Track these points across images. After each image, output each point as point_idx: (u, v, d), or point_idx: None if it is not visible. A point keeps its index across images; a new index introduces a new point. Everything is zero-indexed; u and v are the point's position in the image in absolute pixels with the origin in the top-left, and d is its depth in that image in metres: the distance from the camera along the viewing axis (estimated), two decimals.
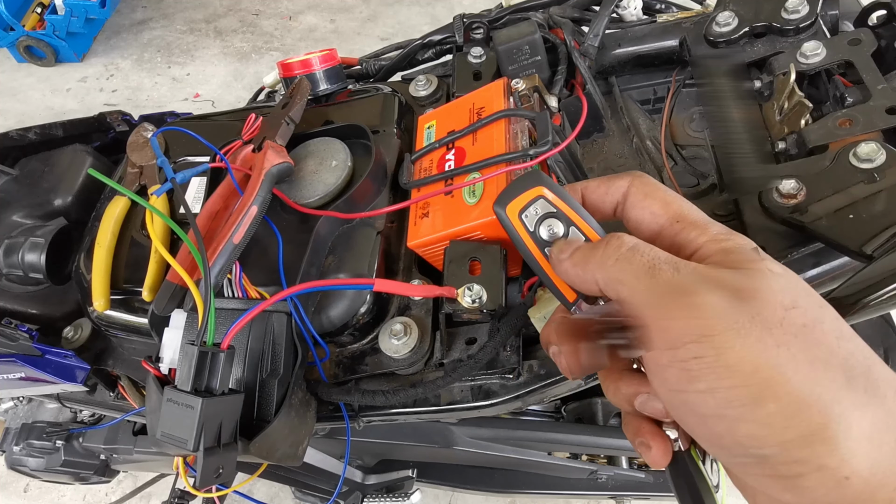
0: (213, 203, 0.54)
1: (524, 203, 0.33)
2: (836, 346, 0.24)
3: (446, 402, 0.52)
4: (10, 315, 0.62)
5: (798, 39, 0.55)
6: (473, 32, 0.71)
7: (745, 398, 0.23)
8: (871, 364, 0.24)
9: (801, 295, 0.26)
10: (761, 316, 0.24)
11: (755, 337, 0.24)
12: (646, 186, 0.32)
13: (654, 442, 0.30)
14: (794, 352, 0.24)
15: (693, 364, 0.24)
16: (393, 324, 0.50)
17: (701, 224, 0.30)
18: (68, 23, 2.55)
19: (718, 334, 0.24)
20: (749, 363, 0.23)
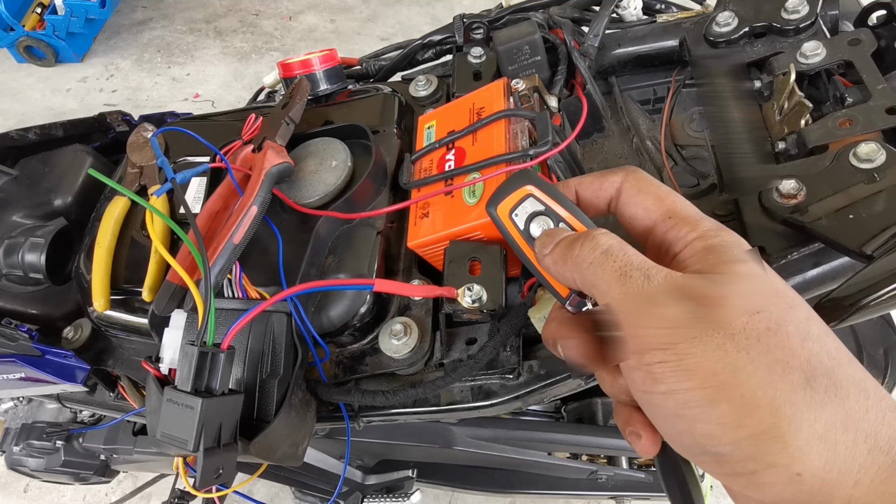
0: (213, 203, 0.54)
1: (514, 202, 0.34)
2: (798, 347, 0.25)
3: (446, 403, 0.52)
4: (10, 315, 0.62)
5: (798, 39, 0.55)
6: (473, 32, 0.71)
7: (701, 399, 0.25)
8: (836, 364, 0.25)
9: (768, 298, 0.26)
10: (723, 323, 0.25)
11: (716, 343, 0.25)
12: (639, 182, 0.33)
13: (644, 431, 0.31)
14: (754, 355, 0.24)
15: (656, 368, 0.26)
16: (393, 324, 0.50)
17: (692, 220, 0.30)
18: (68, 23, 2.55)
19: (680, 343, 0.25)
20: (707, 367, 0.25)
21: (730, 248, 0.28)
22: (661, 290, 0.27)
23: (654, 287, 0.27)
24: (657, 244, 0.31)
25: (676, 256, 0.30)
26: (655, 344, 0.26)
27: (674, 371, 0.25)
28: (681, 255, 0.29)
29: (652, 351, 0.26)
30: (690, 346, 0.25)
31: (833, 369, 0.25)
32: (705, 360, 0.25)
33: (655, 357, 0.26)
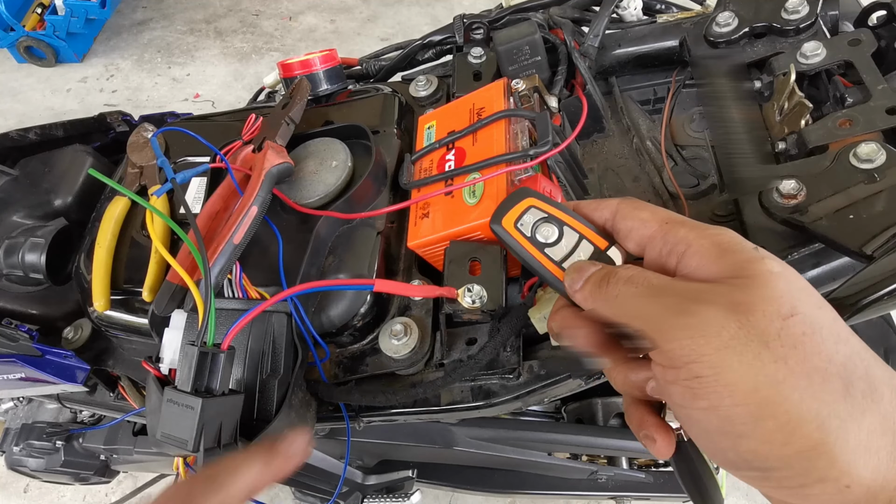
0: (213, 203, 0.54)
1: (518, 214, 0.36)
2: (834, 352, 0.25)
3: (446, 403, 0.51)
4: (10, 315, 0.62)
5: (798, 40, 0.55)
6: (473, 33, 0.71)
7: (746, 416, 0.24)
8: (869, 364, 0.25)
9: (799, 299, 0.26)
10: (757, 329, 0.25)
11: (752, 353, 0.24)
12: (634, 202, 0.33)
13: (659, 434, 0.31)
14: (792, 365, 0.24)
15: (694, 383, 0.25)
16: (393, 324, 0.50)
17: (689, 223, 0.30)
18: (68, 23, 2.54)
19: (715, 353, 0.25)
20: (748, 381, 0.24)
21: (742, 245, 0.28)
22: (690, 298, 0.27)
23: (682, 295, 0.27)
24: (657, 250, 0.31)
25: (683, 258, 0.29)
26: (689, 356, 0.25)
27: (713, 386, 0.25)
28: (687, 255, 0.29)
29: (688, 365, 0.25)
30: (726, 357, 0.24)
31: (866, 371, 0.25)
32: (744, 373, 0.24)
33: (692, 371, 0.25)
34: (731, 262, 0.27)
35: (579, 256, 0.34)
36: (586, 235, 0.34)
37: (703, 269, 0.28)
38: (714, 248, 0.28)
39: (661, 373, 0.27)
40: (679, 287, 0.28)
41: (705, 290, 0.27)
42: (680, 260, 0.29)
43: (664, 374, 0.27)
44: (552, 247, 0.35)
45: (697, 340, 0.25)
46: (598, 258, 0.34)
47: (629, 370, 0.32)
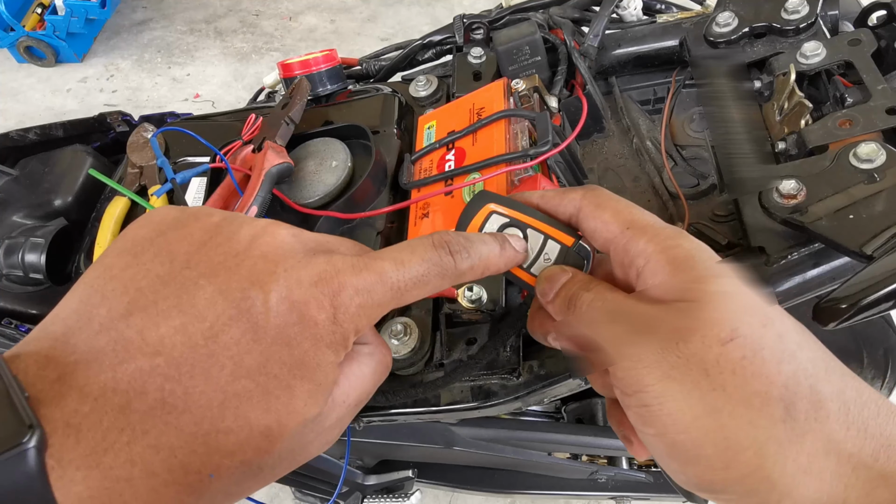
0: (213, 203, 0.54)
1: (479, 223, 0.35)
2: (775, 373, 0.25)
3: (446, 403, 0.51)
4: (11, 315, 0.62)
5: (798, 40, 0.55)
6: (473, 33, 0.71)
7: (688, 444, 0.25)
8: (814, 381, 0.25)
9: (741, 320, 0.26)
10: (696, 357, 0.25)
11: (692, 382, 0.25)
12: (597, 197, 0.33)
13: (635, 437, 0.31)
14: (730, 391, 0.24)
15: (643, 411, 0.26)
16: (393, 324, 0.50)
17: (651, 229, 0.30)
18: (68, 23, 2.54)
19: (658, 382, 0.25)
20: (688, 411, 0.25)
21: (695, 261, 0.28)
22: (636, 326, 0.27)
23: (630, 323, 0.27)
24: (620, 257, 0.31)
25: (641, 273, 0.29)
26: (635, 385, 0.26)
27: (658, 415, 0.25)
28: (645, 271, 0.29)
29: (636, 394, 0.26)
30: (667, 387, 0.25)
31: (811, 388, 0.25)
32: (685, 403, 0.25)
33: (640, 400, 0.26)
34: (680, 280, 0.27)
35: (547, 258, 0.34)
36: (551, 235, 0.34)
37: (658, 289, 0.28)
38: (669, 264, 0.28)
39: (619, 395, 0.28)
40: (631, 311, 0.28)
41: (653, 315, 0.27)
42: (639, 274, 0.29)
43: (622, 399, 0.28)
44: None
45: (640, 371, 0.26)
46: (566, 257, 0.34)
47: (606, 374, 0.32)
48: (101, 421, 0.21)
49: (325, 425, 0.28)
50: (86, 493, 0.20)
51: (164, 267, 0.25)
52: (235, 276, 0.25)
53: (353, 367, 0.30)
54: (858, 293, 0.38)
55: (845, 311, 0.39)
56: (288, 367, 0.25)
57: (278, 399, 0.24)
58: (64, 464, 0.20)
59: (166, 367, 0.23)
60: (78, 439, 0.21)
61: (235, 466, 0.24)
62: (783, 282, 0.46)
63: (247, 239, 0.27)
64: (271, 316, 0.25)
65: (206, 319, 0.24)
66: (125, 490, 0.21)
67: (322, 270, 0.26)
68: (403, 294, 0.28)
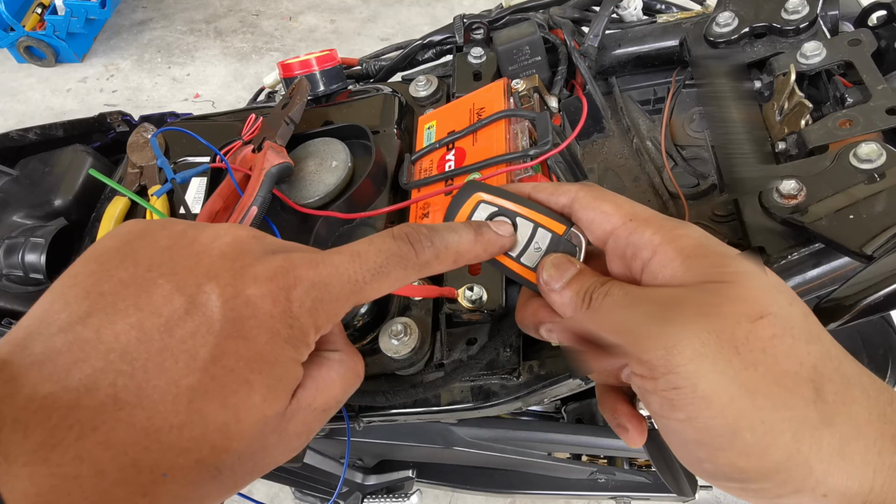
0: (213, 203, 0.54)
1: (468, 213, 0.34)
2: (805, 353, 0.24)
3: (446, 403, 0.52)
4: (11, 315, 0.62)
5: (798, 40, 0.55)
6: (473, 33, 0.71)
7: (723, 428, 0.24)
8: (838, 364, 0.25)
9: (770, 297, 0.25)
10: (727, 334, 0.24)
11: (725, 360, 0.24)
12: (595, 190, 0.32)
13: (631, 423, 0.31)
14: (762, 371, 0.24)
15: (672, 394, 0.25)
16: (393, 324, 0.50)
17: (654, 221, 0.29)
18: (68, 23, 2.55)
19: (690, 362, 0.24)
20: (723, 392, 0.24)
21: (707, 248, 0.27)
22: (661, 307, 0.26)
23: (654, 305, 0.26)
24: (621, 249, 0.30)
25: (648, 265, 0.28)
26: (665, 367, 0.25)
27: (690, 398, 0.24)
28: (653, 263, 0.28)
29: (665, 376, 0.25)
30: (700, 367, 0.24)
31: (836, 370, 0.24)
32: (719, 383, 0.24)
33: (669, 383, 0.25)
34: (700, 266, 0.27)
35: (538, 247, 0.33)
36: (541, 223, 0.33)
37: (675, 276, 0.27)
38: (678, 254, 0.27)
39: (640, 382, 0.27)
40: (655, 294, 0.27)
41: (679, 295, 0.26)
42: (645, 266, 0.29)
43: (643, 384, 0.26)
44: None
45: (672, 350, 0.24)
46: (558, 245, 0.33)
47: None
48: (49, 417, 0.21)
49: (289, 429, 0.27)
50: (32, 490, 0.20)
51: (127, 271, 0.25)
52: (193, 273, 0.25)
53: (322, 371, 0.29)
54: (859, 293, 0.38)
55: (846, 312, 0.39)
56: (245, 361, 0.24)
57: (235, 393, 0.24)
58: (10, 459, 0.20)
59: (119, 362, 0.23)
60: (25, 435, 0.20)
61: (191, 466, 0.23)
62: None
63: (208, 240, 0.27)
64: (227, 309, 0.24)
65: (162, 314, 0.24)
66: (73, 488, 0.20)
67: (278, 266, 0.26)
68: (363, 287, 0.27)
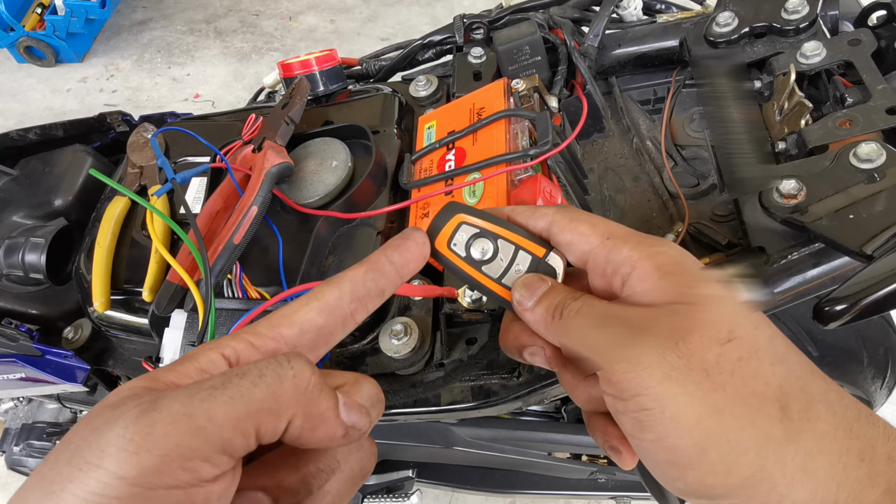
0: (213, 203, 0.54)
1: (449, 233, 0.34)
2: (770, 374, 0.25)
3: (446, 403, 0.52)
4: (11, 315, 0.62)
5: (798, 40, 0.55)
6: (473, 33, 0.71)
7: (690, 448, 0.25)
8: (803, 383, 0.25)
9: (736, 322, 0.26)
10: (696, 357, 0.25)
11: (693, 382, 0.24)
12: (571, 212, 0.32)
13: (623, 445, 0.30)
14: (730, 392, 0.24)
15: (641, 416, 0.25)
16: (393, 324, 0.50)
17: (632, 237, 0.30)
18: (68, 23, 2.54)
19: (659, 385, 0.25)
20: (690, 413, 0.24)
21: (683, 266, 0.28)
22: (632, 329, 0.26)
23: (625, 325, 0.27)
24: (601, 267, 0.30)
25: (627, 280, 0.29)
26: (634, 389, 0.25)
27: (659, 419, 0.25)
28: (631, 278, 0.29)
29: (635, 398, 0.25)
30: (669, 389, 0.25)
31: (802, 389, 0.25)
32: (687, 404, 0.24)
33: (639, 404, 0.25)
34: (671, 284, 0.27)
35: (518, 269, 0.33)
36: (522, 245, 0.33)
37: (648, 294, 0.28)
38: (656, 270, 0.28)
39: (612, 402, 0.27)
40: (624, 315, 0.28)
41: (648, 317, 0.27)
42: (625, 282, 0.29)
43: (614, 404, 0.27)
44: (489, 263, 0.33)
45: (640, 372, 0.25)
46: (538, 268, 0.33)
47: (589, 386, 0.31)
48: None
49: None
50: None
51: None
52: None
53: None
54: (859, 293, 0.38)
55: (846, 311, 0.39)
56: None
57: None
58: None
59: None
60: None
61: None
62: (783, 282, 0.46)
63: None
64: None
65: None
66: None
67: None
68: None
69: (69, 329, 0.62)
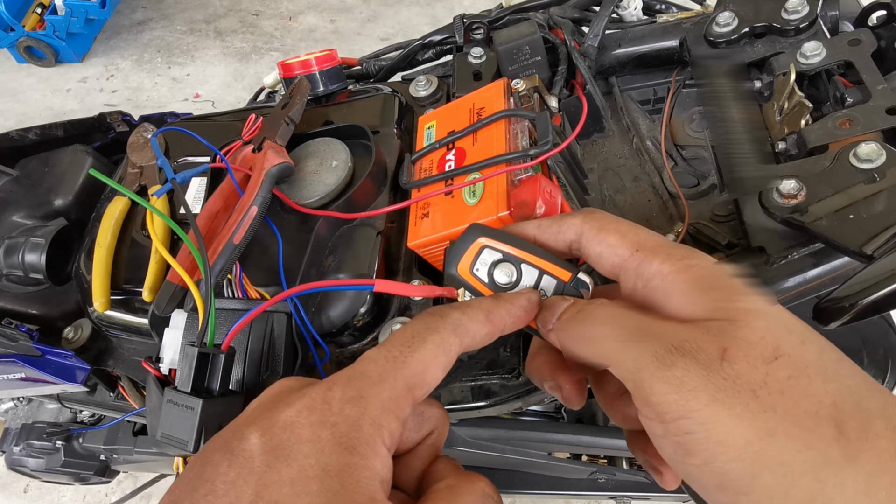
0: (213, 203, 0.54)
1: (471, 259, 0.33)
2: (823, 392, 0.24)
3: (446, 402, 0.52)
4: (11, 315, 0.62)
5: (798, 40, 0.55)
6: (473, 33, 0.71)
7: (742, 472, 0.23)
8: (861, 398, 0.24)
9: (782, 337, 0.25)
10: (742, 378, 0.24)
11: (742, 404, 0.23)
12: (599, 221, 0.31)
13: (664, 468, 0.30)
14: (781, 413, 0.23)
15: (686, 440, 0.24)
16: (393, 324, 0.50)
17: (662, 250, 0.29)
18: (68, 23, 2.54)
19: (705, 407, 0.24)
20: (739, 436, 0.23)
21: (718, 279, 0.27)
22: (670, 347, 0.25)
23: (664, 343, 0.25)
24: (632, 281, 0.29)
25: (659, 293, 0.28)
26: (677, 412, 0.24)
27: (705, 443, 0.23)
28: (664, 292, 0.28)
29: (677, 421, 0.24)
30: (715, 412, 0.23)
31: (857, 405, 0.24)
32: (735, 427, 0.23)
33: (682, 428, 0.24)
34: (709, 299, 0.26)
35: (543, 294, 0.32)
36: (547, 270, 0.32)
37: (682, 309, 0.27)
38: (691, 284, 0.27)
39: (650, 425, 0.26)
40: (659, 330, 0.26)
41: (687, 335, 0.26)
42: (656, 296, 0.28)
43: (653, 428, 0.26)
44: (513, 290, 0.32)
45: (685, 395, 0.24)
46: (563, 292, 0.32)
47: (624, 405, 0.31)
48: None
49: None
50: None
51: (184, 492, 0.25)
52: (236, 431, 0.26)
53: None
54: (859, 293, 0.38)
55: (846, 311, 0.39)
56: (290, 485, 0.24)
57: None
58: None
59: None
60: None
61: None
62: (783, 282, 0.46)
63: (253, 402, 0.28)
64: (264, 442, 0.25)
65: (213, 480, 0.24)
66: None
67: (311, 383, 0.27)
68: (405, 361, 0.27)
69: (69, 329, 0.62)
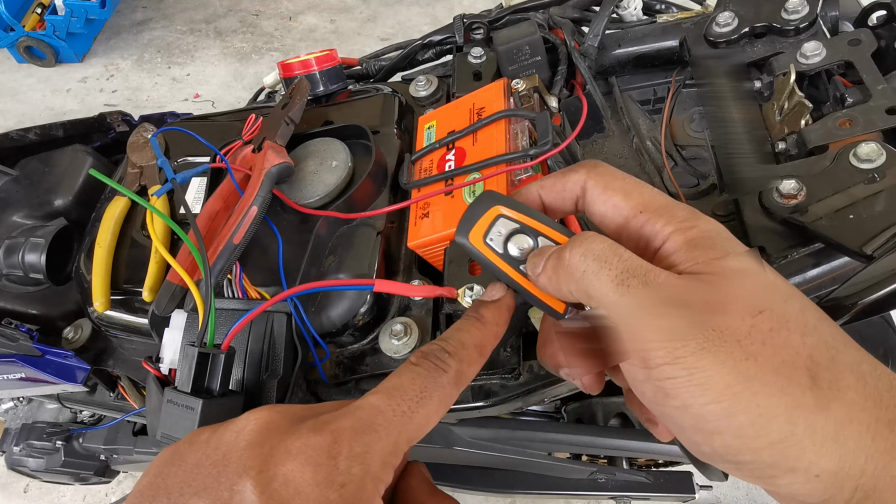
0: (213, 203, 0.54)
1: (486, 226, 0.31)
2: (800, 344, 0.25)
3: None
4: (11, 315, 0.62)
5: (798, 40, 0.55)
6: (473, 33, 0.71)
7: (718, 413, 0.25)
8: (835, 353, 0.25)
9: (768, 294, 0.26)
10: (730, 330, 0.25)
11: (725, 352, 0.25)
12: (603, 177, 0.31)
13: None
14: (762, 361, 0.25)
15: (667, 384, 0.26)
16: (393, 324, 0.50)
17: (666, 212, 0.29)
18: (68, 23, 2.54)
19: (691, 355, 0.25)
20: (720, 381, 0.24)
21: (713, 241, 0.28)
22: (662, 296, 0.26)
23: (654, 294, 0.27)
24: (634, 240, 0.30)
25: (658, 252, 0.29)
26: (663, 358, 0.25)
27: (686, 386, 0.25)
28: (662, 250, 0.29)
29: (661, 367, 0.25)
30: (700, 359, 0.25)
31: (832, 359, 0.25)
32: (716, 372, 0.24)
33: (665, 373, 0.25)
34: (703, 257, 0.27)
35: None
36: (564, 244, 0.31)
37: (676, 266, 0.28)
38: (687, 244, 0.28)
39: (631, 371, 0.27)
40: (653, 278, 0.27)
41: (679, 287, 0.27)
42: (655, 254, 0.29)
43: (637, 374, 0.27)
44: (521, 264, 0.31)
45: (674, 344, 0.25)
46: None
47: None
48: None
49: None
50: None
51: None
52: (223, 477, 0.26)
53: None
54: (859, 293, 0.39)
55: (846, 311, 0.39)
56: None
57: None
58: None
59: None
60: None
61: None
62: None
63: (232, 437, 0.27)
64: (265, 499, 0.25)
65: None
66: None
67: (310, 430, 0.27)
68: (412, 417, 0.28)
69: (69, 329, 0.62)
